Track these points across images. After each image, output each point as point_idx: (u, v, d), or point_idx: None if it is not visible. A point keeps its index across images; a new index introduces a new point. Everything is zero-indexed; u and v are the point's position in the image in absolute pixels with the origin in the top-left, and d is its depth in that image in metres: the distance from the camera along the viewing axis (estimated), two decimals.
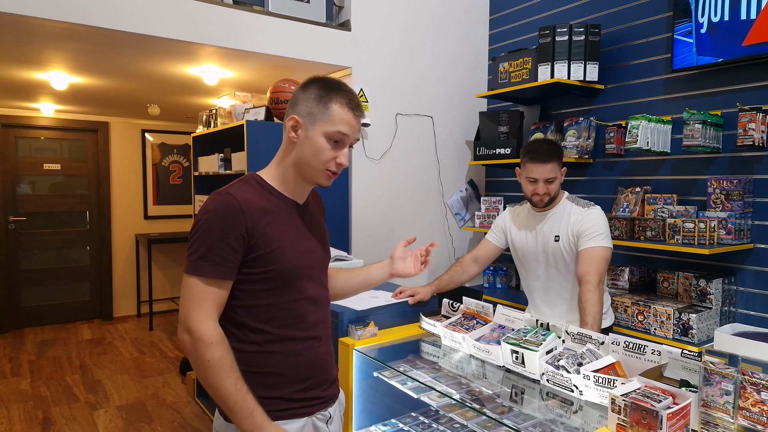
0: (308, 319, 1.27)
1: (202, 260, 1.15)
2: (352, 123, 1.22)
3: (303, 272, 1.26)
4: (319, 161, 1.22)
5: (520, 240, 2.14)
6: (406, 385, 1.67)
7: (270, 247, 1.19)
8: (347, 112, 1.21)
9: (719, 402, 1.07)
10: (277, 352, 1.23)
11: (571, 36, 2.66)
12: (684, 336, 2.16)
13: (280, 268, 1.21)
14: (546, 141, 2.05)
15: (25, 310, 5.27)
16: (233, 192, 1.18)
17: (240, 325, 1.21)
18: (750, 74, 2.23)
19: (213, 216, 1.16)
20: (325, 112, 1.20)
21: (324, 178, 1.25)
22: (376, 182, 3.08)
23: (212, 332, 1.14)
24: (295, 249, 1.24)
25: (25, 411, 3.42)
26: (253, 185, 1.24)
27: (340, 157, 1.22)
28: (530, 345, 1.47)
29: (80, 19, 2.25)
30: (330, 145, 1.21)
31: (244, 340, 1.21)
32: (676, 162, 2.50)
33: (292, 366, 1.24)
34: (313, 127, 1.21)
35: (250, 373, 1.19)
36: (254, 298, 1.21)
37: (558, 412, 1.37)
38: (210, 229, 1.15)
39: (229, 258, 1.16)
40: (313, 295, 1.28)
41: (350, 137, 1.22)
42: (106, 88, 3.87)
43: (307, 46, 2.81)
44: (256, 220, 1.18)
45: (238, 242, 1.15)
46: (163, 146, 5.91)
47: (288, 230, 1.24)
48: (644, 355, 1.32)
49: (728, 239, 2.17)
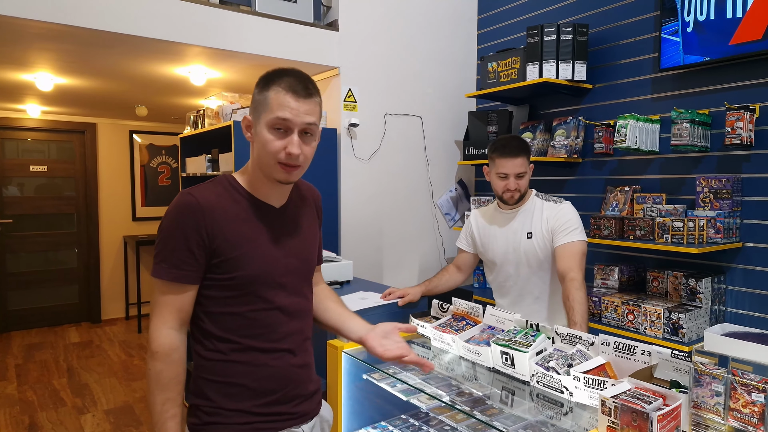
0: (279, 329, 1.20)
1: (162, 263, 1.11)
2: (292, 106, 1.11)
3: (273, 280, 1.18)
4: (267, 154, 1.13)
5: (488, 240, 2.10)
6: (396, 387, 1.65)
7: (233, 253, 1.13)
8: (284, 95, 1.11)
9: (710, 403, 1.06)
10: (242, 362, 1.17)
11: (559, 35, 2.66)
12: (674, 335, 2.16)
13: (244, 275, 1.14)
14: (513, 137, 2.04)
15: (11, 314, 5.20)
16: (195, 192, 1.13)
17: (205, 332, 1.17)
18: (737, 73, 2.24)
19: (172, 217, 1.11)
20: (265, 102, 1.13)
21: (279, 172, 1.15)
22: (365, 182, 3.06)
23: (161, 341, 1.10)
24: (264, 255, 1.17)
25: (11, 416, 3.37)
26: (224, 186, 1.19)
27: (289, 146, 1.12)
28: (520, 346, 1.46)
29: (64, 19, 2.21)
30: (274, 135, 1.12)
31: (209, 348, 1.16)
32: (665, 161, 2.50)
33: (257, 378, 1.17)
34: (258, 121, 1.15)
35: (213, 382, 1.15)
36: (218, 305, 1.15)
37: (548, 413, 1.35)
38: (169, 231, 1.11)
39: (188, 261, 1.10)
40: (285, 304, 1.21)
41: (294, 122, 1.11)
42: (93, 89, 3.82)
43: (294, 46, 2.78)
44: (217, 223, 1.12)
45: (197, 245, 1.10)
46: (151, 147, 5.85)
47: (256, 235, 1.17)
48: (634, 356, 1.31)
49: (717, 238, 2.17)
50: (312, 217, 1.35)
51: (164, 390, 1.10)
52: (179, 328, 1.13)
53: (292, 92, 1.11)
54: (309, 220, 1.33)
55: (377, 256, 3.14)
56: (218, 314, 1.15)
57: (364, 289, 2.21)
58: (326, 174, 2.89)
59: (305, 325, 1.29)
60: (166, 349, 1.10)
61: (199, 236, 1.10)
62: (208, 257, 1.12)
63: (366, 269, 3.05)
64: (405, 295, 2.03)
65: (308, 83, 1.15)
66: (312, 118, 1.14)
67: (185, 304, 1.13)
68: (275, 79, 1.14)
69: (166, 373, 1.10)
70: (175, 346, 1.12)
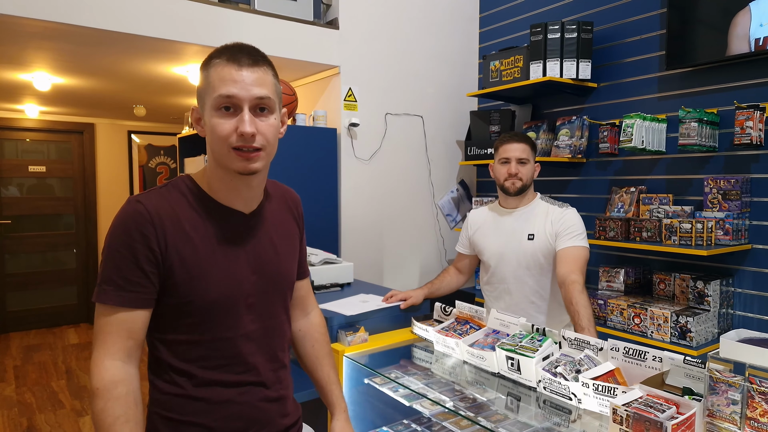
0: (247, 360, 1.03)
1: (106, 284, 0.94)
2: (236, 78, 0.94)
3: (238, 303, 1.02)
4: (218, 141, 0.96)
5: (484, 239, 2.05)
6: (398, 392, 1.61)
7: (189, 273, 0.96)
8: (224, 67, 0.94)
9: (725, 412, 1.02)
10: (202, 399, 1.00)
11: (563, 33, 2.62)
12: (682, 339, 2.11)
13: (202, 299, 0.98)
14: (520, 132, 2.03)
15: (10, 315, 5.17)
16: (144, 199, 0.96)
17: (161, 363, 1.00)
18: (747, 71, 2.20)
19: (118, 229, 0.95)
20: (207, 83, 0.97)
21: (235, 160, 0.96)
22: (365, 183, 3.02)
23: (102, 374, 0.92)
24: (227, 274, 1.00)
25: (10, 418, 3.34)
26: (180, 190, 1.01)
27: (240, 126, 0.94)
28: (526, 351, 1.42)
29: (61, 17, 2.18)
30: (222, 116, 0.95)
31: (166, 380, 1.00)
32: (672, 161, 2.46)
33: (219, 417, 1.01)
34: (204, 108, 0.99)
35: (168, 420, 1.00)
36: (174, 332, 0.99)
37: (555, 420, 1.31)
38: (113, 245, 0.94)
39: (138, 282, 0.94)
40: (252, 330, 1.04)
41: (240, 96, 0.94)
42: (91, 89, 3.79)
43: (294, 45, 2.74)
44: (170, 236, 0.95)
45: (147, 261, 0.94)
46: (149, 147, 5.82)
47: (216, 249, 1.00)
48: (645, 362, 1.27)
49: (726, 240, 2.13)
50: (290, 225, 1.17)
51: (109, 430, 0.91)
52: (126, 359, 0.95)
53: (234, 62, 0.95)
54: (286, 228, 1.15)
55: (378, 258, 3.10)
56: (175, 342, 0.99)
57: (364, 291, 2.17)
58: (326, 174, 2.86)
59: (278, 351, 1.11)
60: (107, 383, 0.92)
61: (150, 251, 0.94)
62: (161, 276, 0.96)
63: (366, 271, 3.01)
64: (407, 298, 1.99)
65: (254, 50, 0.99)
66: (263, 90, 0.96)
67: (134, 331, 0.95)
68: (215, 54, 0.98)
69: (110, 411, 0.91)
70: (119, 379, 0.93)
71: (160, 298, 0.98)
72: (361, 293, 2.13)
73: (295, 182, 2.72)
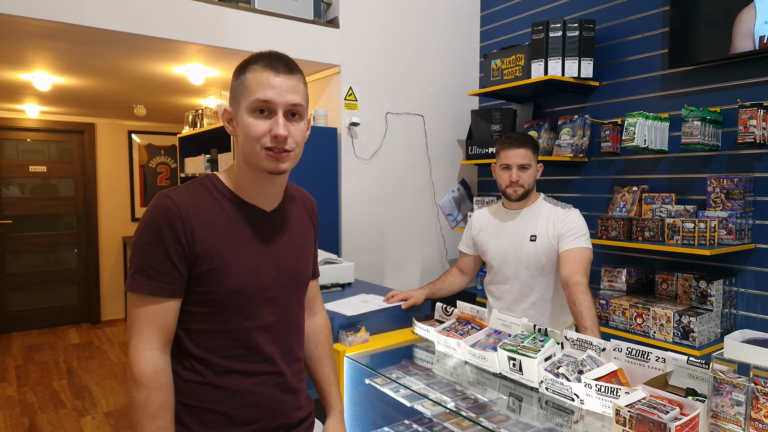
0: (264, 351, 1.09)
1: (138, 274, 1.00)
2: (274, 84, 1.01)
3: (258, 295, 1.07)
4: (251, 141, 1.02)
5: (487, 240, 2.05)
6: (399, 392, 1.60)
7: (213, 264, 1.02)
8: (262, 73, 1.02)
9: (730, 413, 1.01)
10: (221, 387, 1.05)
11: (565, 32, 2.60)
12: (684, 339, 2.10)
13: (224, 289, 1.03)
14: (520, 132, 2.00)
15: (11, 315, 5.17)
16: (173, 194, 1.03)
17: (183, 351, 1.05)
18: (751, 69, 2.18)
19: (148, 223, 1.01)
20: (243, 86, 1.04)
21: (266, 161, 1.03)
22: (366, 182, 3.01)
23: (144, 364, 0.99)
24: (248, 266, 1.06)
25: (11, 418, 3.34)
26: (206, 187, 1.08)
27: (274, 128, 1.01)
28: (528, 351, 1.41)
29: (60, 17, 2.17)
30: (257, 118, 1.02)
31: (187, 368, 1.05)
32: (674, 160, 2.45)
33: (237, 405, 1.06)
34: (238, 109, 1.05)
35: (189, 407, 1.05)
36: (196, 321, 1.04)
37: (557, 421, 1.30)
38: (145, 238, 1.00)
39: (169, 272, 1.00)
40: (271, 323, 1.10)
41: (277, 101, 1.02)
42: (91, 89, 3.78)
43: (294, 44, 2.73)
44: (197, 229, 1.01)
45: (177, 253, 0.99)
46: (150, 147, 5.82)
47: (241, 243, 1.06)
48: (648, 363, 1.26)
49: (729, 239, 2.12)
50: (306, 226, 1.23)
51: (154, 419, 0.98)
52: (163, 348, 1.02)
53: (272, 69, 1.03)
54: (303, 227, 1.21)
55: (378, 258, 3.09)
56: (197, 331, 1.05)
57: (365, 291, 2.16)
58: (326, 174, 2.85)
59: (296, 343, 1.17)
60: (151, 372, 0.99)
61: (178, 243, 0.99)
62: (188, 268, 1.01)
63: (367, 271, 3.00)
64: (408, 298, 1.98)
65: (289, 60, 1.07)
66: (297, 98, 1.04)
67: (168, 320, 1.02)
68: (252, 60, 1.05)
69: (154, 399, 0.98)
70: (160, 368, 1.00)
71: (187, 288, 1.03)
72: (362, 293, 2.12)
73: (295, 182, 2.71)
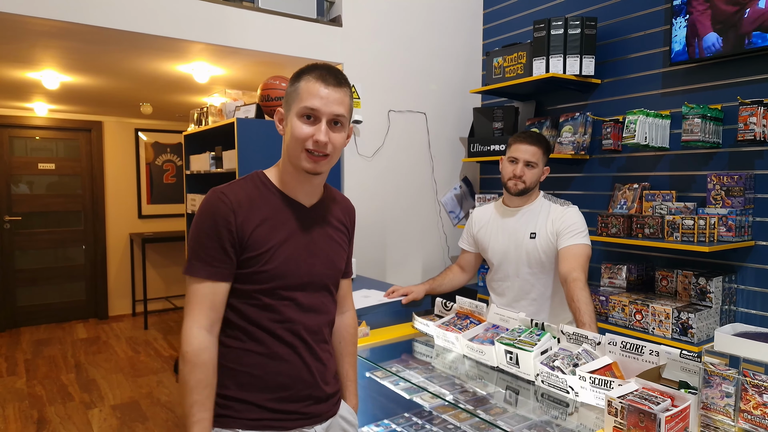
0: (297, 324, 1.20)
1: (194, 260, 1.13)
2: (321, 95, 1.14)
3: (295, 280, 1.19)
4: (295, 142, 1.16)
5: (488, 238, 2.07)
6: (399, 385, 1.63)
7: (259, 249, 1.15)
8: (314, 84, 1.15)
9: (719, 404, 1.03)
10: (257, 353, 1.17)
11: (567, 29, 2.61)
12: (683, 336, 2.11)
13: (268, 271, 1.15)
14: (538, 133, 2.02)
15: (20, 310, 5.24)
16: (226, 190, 1.16)
17: (228, 321, 1.18)
18: (751, 67, 2.19)
19: (204, 214, 1.14)
20: (296, 93, 1.17)
21: (306, 161, 1.17)
22: (368, 180, 3.03)
23: (191, 340, 1.11)
24: (288, 252, 1.18)
25: (21, 410, 3.40)
26: (255, 183, 1.22)
27: (317, 134, 1.15)
28: (525, 345, 1.43)
29: (69, 16, 2.21)
30: (303, 123, 1.15)
31: (228, 335, 1.18)
32: (675, 157, 2.46)
33: (270, 370, 1.18)
34: (289, 112, 1.19)
35: (229, 369, 1.16)
36: (242, 297, 1.17)
37: (553, 413, 1.33)
38: (201, 229, 1.14)
39: (221, 258, 1.13)
40: (307, 303, 1.22)
41: (322, 111, 1.15)
42: (98, 87, 3.83)
43: (297, 43, 2.76)
44: (247, 220, 1.14)
45: (229, 243, 1.13)
46: (156, 145, 5.87)
47: (283, 232, 1.19)
48: (642, 356, 1.28)
49: (729, 236, 2.13)
50: (342, 226, 1.34)
51: (191, 392, 1.09)
52: (210, 328, 1.14)
53: (322, 81, 1.15)
54: (338, 226, 1.32)
55: (380, 254, 3.12)
56: (242, 305, 1.17)
57: (367, 286, 2.19)
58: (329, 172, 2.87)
59: (324, 325, 1.27)
60: (195, 349, 1.10)
61: (231, 234, 1.12)
62: (238, 254, 1.14)
63: (369, 267, 3.02)
64: (408, 293, 2.00)
65: (339, 74, 1.18)
66: (341, 109, 1.17)
67: (217, 302, 1.14)
68: (307, 71, 1.18)
69: (195, 374, 1.10)
70: (204, 346, 1.12)
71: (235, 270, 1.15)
72: (363, 288, 2.15)
73: None
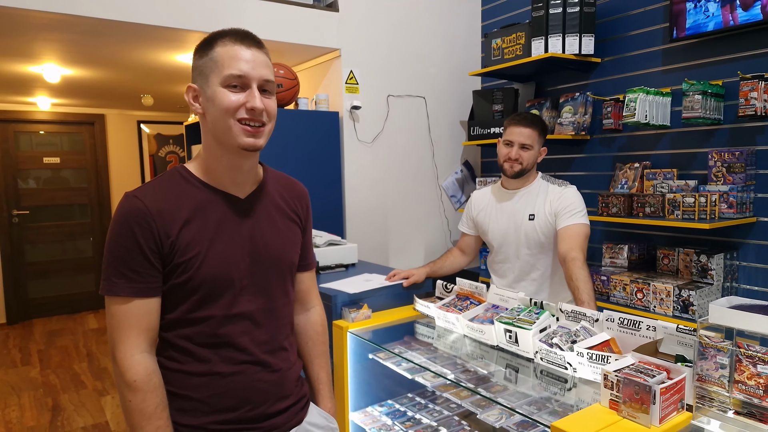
0: (244, 339, 1.06)
1: (115, 277, 0.98)
2: (246, 57, 1.00)
3: (232, 283, 1.05)
4: (225, 114, 1.00)
5: (487, 220, 2.07)
6: (401, 366, 1.66)
7: (186, 255, 1.00)
8: (233, 47, 1.00)
9: (714, 376, 1.04)
10: (198, 375, 1.04)
11: (566, 8, 2.58)
12: (684, 313, 2.12)
13: (197, 278, 1.01)
14: (533, 114, 2.01)
15: (32, 302, 5.33)
16: (140, 193, 1.01)
17: (162, 339, 1.05)
18: (751, 41, 2.16)
19: (119, 224, 0.99)
20: (212, 61, 1.01)
21: (242, 135, 1.01)
22: (369, 166, 3.03)
23: (136, 368, 0.97)
24: (221, 255, 1.04)
25: (36, 398, 3.49)
26: (175, 180, 1.06)
27: (250, 101, 1.00)
28: (523, 324, 1.44)
29: (64, 8, 2.21)
30: (231, 91, 1.00)
31: (166, 356, 1.05)
32: (676, 135, 2.44)
33: (212, 393, 1.04)
34: (207, 84, 1.02)
35: (168, 393, 1.03)
36: (173, 311, 1.03)
37: (552, 390, 1.35)
38: (117, 240, 0.99)
39: (146, 271, 0.99)
40: (251, 310, 1.07)
41: (251, 75, 1.00)
42: (99, 80, 3.84)
43: (294, 29, 2.75)
44: (167, 223, 1.00)
45: (150, 251, 0.98)
46: (159, 137, 5.89)
47: (212, 231, 1.04)
48: (639, 331, 1.29)
49: (730, 213, 2.12)
50: (292, 213, 1.19)
51: (151, 419, 0.98)
52: (150, 349, 1.01)
53: (242, 43, 1.02)
54: (288, 213, 1.18)
55: (383, 240, 3.13)
56: (174, 320, 1.03)
57: (368, 271, 2.21)
58: (329, 158, 2.88)
59: (278, 332, 1.13)
60: (143, 376, 0.98)
61: (152, 241, 0.98)
62: (163, 263, 1.01)
63: (372, 252, 3.04)
64: (409, 276, 2.02)
65: (255, 36, 1.06)
66: (269, 73, 1.04)
67: (152, 321, 1.01)
68: (219, 35, 1.03)
69: (151, 400, 0.98)
70: (152, 370, 1.00)
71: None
72: (365, 273, 2.17)
73: (298, 167, 2.77)
